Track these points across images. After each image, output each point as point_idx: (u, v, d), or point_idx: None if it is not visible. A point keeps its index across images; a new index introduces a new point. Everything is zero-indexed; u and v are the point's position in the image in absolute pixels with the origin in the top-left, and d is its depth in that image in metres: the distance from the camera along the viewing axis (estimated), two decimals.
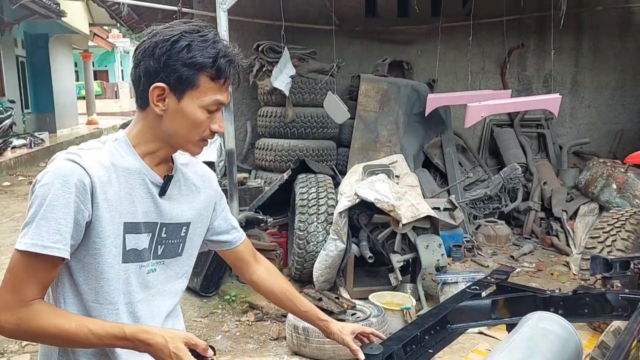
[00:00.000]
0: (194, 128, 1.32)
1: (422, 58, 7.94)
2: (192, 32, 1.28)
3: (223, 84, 1.31)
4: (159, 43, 1.27)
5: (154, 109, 1.30)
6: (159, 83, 1.27)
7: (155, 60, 1.26)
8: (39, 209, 1.20)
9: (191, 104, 1.29)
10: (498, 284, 1.90)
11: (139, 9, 10.03)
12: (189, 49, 1.26)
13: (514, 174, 6.18)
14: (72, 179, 1.21)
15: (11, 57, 14.75)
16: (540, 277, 5.15)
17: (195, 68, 1.26)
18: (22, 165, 11.74)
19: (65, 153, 1.27)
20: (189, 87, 1.28)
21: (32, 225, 1.20)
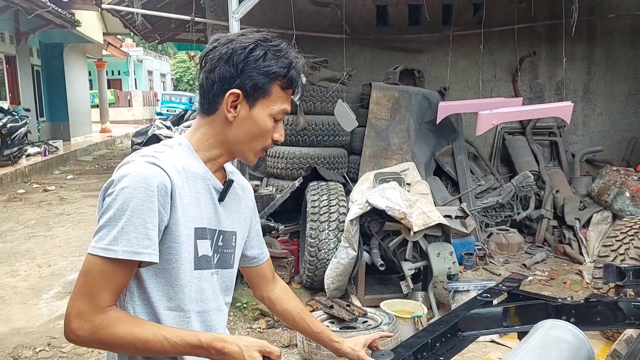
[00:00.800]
0: (260, 136, 1.34)
1: (433, 66, 7.95)
2: (266, 41, 1.30)
3: (292, 94, 1.35)
4: (237, 50, 1.28)
5: (225, 114, 1.30)
6: (235, 89, 1.28)
7: (232, 66, 1.28)
8: (121, 213, 1.17)
9: (262, 111, 1.31)
10: (509, 291, 1.90)
11: (152, 18, 10.15)
12: (265, 58, 1.28)
13: (526, 182, 6.15)
14: (155, 182, 1.19)
15: (27, 66, 14.96)
16: (553, 285, 5.11)
17: (271, 77, 1.29)
18: (37, 173, 11.87)
19: (142, 156, 1.25)
20: (262, 95, 1.30)
21: (114, 229, 1.17)
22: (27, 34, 14.32)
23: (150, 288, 1.26)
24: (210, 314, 1.37)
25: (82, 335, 1.17)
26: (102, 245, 1.17)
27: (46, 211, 8.48)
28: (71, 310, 1.18)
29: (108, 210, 1.19)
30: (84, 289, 1.18)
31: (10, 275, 5.58)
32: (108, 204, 1.19)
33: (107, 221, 1.18)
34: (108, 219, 1.18)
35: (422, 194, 5.03)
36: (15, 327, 4.36)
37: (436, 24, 7.74)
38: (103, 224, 1.18)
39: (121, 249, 1.16)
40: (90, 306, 1.17)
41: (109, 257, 1.16)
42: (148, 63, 36.56)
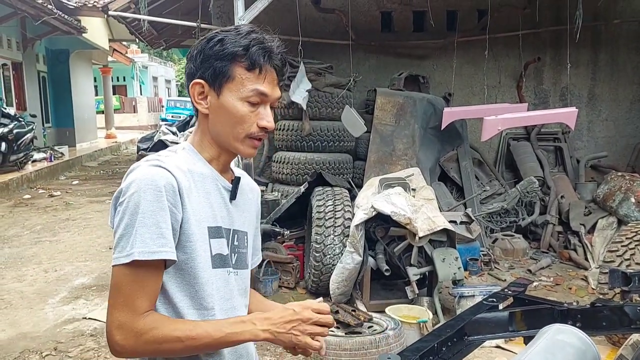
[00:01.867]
0: (238, 123, 1.28)
1: (438, 72, 7.97)
2: (229, 30, 1.29)
3: (260, 74, 1.27)
4: (197, 45, 1.30)
5: (198, 108, 1.31)
6: (197, 79, 1.28)
7: (193, 61, 1.29)
8: (133, 217, 1.17)
9: (230, 97, 1.27)
10: (515, 296, 1.90)
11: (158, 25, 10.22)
12: (222, 43, 1.26)
13: (531, 187, 6.15)
14: (162, 182, 1.19)
15: (33, 72, 15.06)
16: (559, 291, 5.10)
17: (227, 59, 1.25)
18: (42, 179, 11.92)
19: (145, 161, 1.25)
20: (224, 79, 1.26)
21: (131, 235, 1.16)
22: (34, 40, 14.43)
23: (172, 289, 1.25)
24: (235, 312, 1.35)
25: (127, 345, 1.17)
26: (120, 253, 1.17)
27: (52, 216, 8.52)
28: (111, 324, 1.18)
29: (122, 220, 1.18)
30: (118, 300, 1.18)
31: (16, 280, 5.60)
32: (120, 214, 1.19)
33: (123, 230, 1.17)
34: (124, 227, 1.17)
35: (427, 200, 5.04)
36: (22, 331, 4.38)
37: (441, 30, 7.76)
38: (121, 234, 1.18)
39: (137, 251, 1.15)
40: (129, 315, 1.17)
41: (129, 262, 1.15)
42: (153, 69, 36.73)
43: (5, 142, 10.71)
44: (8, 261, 6.21)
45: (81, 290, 5.29)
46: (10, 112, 11.49)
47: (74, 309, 4.83)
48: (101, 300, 4.97)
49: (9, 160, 11.03)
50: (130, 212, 1.17)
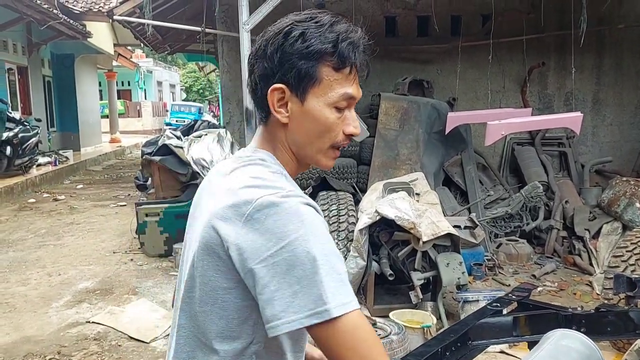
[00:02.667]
0: (325, 132, 1.10)
1: (442, 77, 7.97)
2: (306, 20, 1.09)
3: (349, 74, 1.09)
4: (270, 38, 1.09)
5: (277, 117, 1.10)
6: (277, 84, 1.08)
7: (268, 60, 1.08)
8: (317, 266, 0.93)
9: (317, 102, 1.08)
10: (519, 301, 1.90)
11: (163, 29, 10.25)
12: (304, 38, 1.06)
13: (535, 192, 6.14)
14: (325, 227, 1.02)
15: (38, 76, 15.13)
16: (563, 296, 5.08)
17: (314, 58, 1.06)
18: (47, 183, 11.96)
19: (296, 197, 1.00)
20: (310, 82, 1.07)
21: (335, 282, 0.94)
22: (39, 45, 14.50)
23: (285, 338, 1.08)
24: None
25: None
26: (342, 300, 0.94)
27: (56, 220, 8.54)
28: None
29: (290, 271, 0.93)
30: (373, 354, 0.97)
31: (20, 283, 5.62)
32: (287, 265, 0.94)
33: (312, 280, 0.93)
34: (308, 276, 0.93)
35: (431, 204, 5.03)
36: (26, 335, 4.39)
37: (445, 35, 7.76)
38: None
39: (354, 299, 0.96)
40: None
41: (354, 309, 0.95)
42: (158, 74, 36.86)
43: (10, 146, 10.75)
44: (12, 265, 6.23)
45: (85, 294, 5.30)
46: (16, 117, 11.54)
47: (77, 312, 4.83)
48: (104, 304, 4.98)
49: (14, 164, 11.07)
50: (315, 260, 0.94)
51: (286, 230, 0.95)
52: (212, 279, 1.03)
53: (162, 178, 7.12)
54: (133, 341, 4.23)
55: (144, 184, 9.03)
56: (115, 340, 4.25)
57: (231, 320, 1.04)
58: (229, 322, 1.05)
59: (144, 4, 7.45)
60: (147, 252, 6.41)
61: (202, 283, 1.05)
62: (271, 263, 0.94)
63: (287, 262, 0.93)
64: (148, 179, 8.41)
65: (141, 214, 6.38)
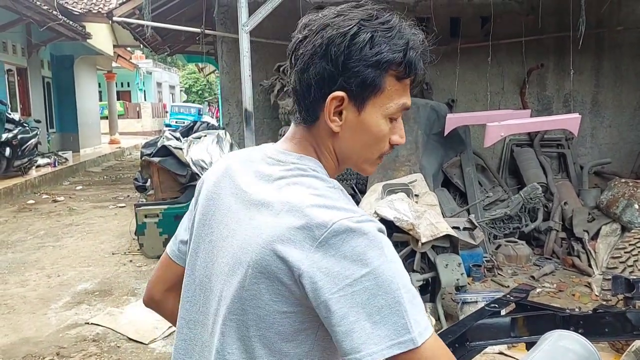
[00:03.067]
0: (377, 143, 1.05)
1: (441, 78, 7.98)
2: (371, 19, 1.00)
3: (411, 84, 1.04)
4: (335, 38, 0.98)
5: (329, 125, 1.02)
6: (338, 92, 0.99)
7: (331, 62, 0.98)
8: (399, 295, 0.89)
9: (374, 113, 1.01)
10: (517, 302, 1.91)
11: (162, 30, 10.25)
12: (372, 44, 0.98)
13: (534, 193, 6.14)
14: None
15: (38, 78, 15.14)
16: (562, 297, 5.09)
17: (382, 67, 0.98)
18: (46, 184, 11.96)
19: (369, 222, 0.94)
20: (373, 92, 1.00)
21: (416, 309, 0.91)
22: (39, 46, 14.52)
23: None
24: None
25: None
26: (423, 326, 0.91)
27: (55, 222, 8.54)
28: None
29: (375, 297, 0.89)
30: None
31: (19, 285, 5.61)
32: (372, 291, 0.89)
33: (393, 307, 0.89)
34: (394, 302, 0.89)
35: (430, 205, 5.04)
36: (25, 336, 4.39)
37: (444, 37, 7.77)
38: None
39: (429, 326, 0.93)
40: None
41: (432, 333, 0.92)
42: (157, 75, 36.88)
43: (9, 147, 10.75)
44: (11, 266, 6.23)
45: (84, 295, 5.30)
46: (15, 118, 11.54)
47: (76, 314, 4.83)
48: (103, 306, 4.98)
49: (13, 165, 11.07)
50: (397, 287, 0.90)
51: (366, 258, 0.89)
52: (269, 303, 0.96)
53: (162, 179, 7.12)
54: (132, 342, 4.23)
55: (143, 185, 9.02)
56: (114, 342, 4.25)
57: (277, 349, 0.99)
58: (274, 350, 0.99)
59: (144, 5, 7.46)
60: (146, 253, 6.41)
61: (252, 307, 0.98)
62: (350, 292, 0.88)
63: (369, 291, 0.88)
64: (147, 180, 8.41)
65: (140, 215, 6.38)
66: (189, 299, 1.14)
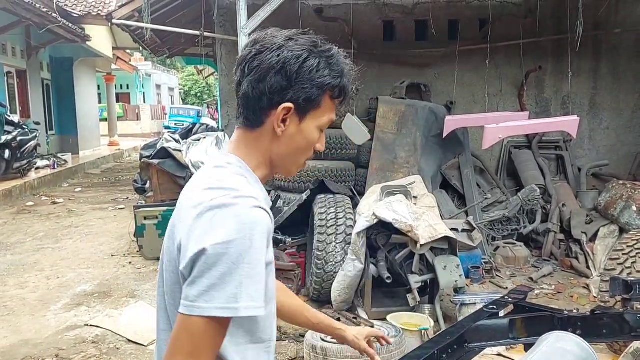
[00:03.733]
0: (307, 149, 1.26)
1: (439, 80, 8.00)
2: (317, 47, 1.21)
3: (340, 103, 1.26)
4: (290, 60, 1.17)
5: (274, 129, 1.20)
6: (288, 103, 1.18)
7: (285, 78, 1.17)
8: (235, 267, 1.03)
9: (311, 124, 1.22)
10: (516, 303, 1.92)
11: (161, 33, 10.27)
12: (318, 68, 1.19)
13: (533, 195, 6.15)
14: (265, 229, 1.09)
15: (37, 80, 15.13)
16: (560, 299, 5.10)
17: (324, 88, 1.20)
18: (46, 186, 11.95)
19: (236, 197, 1.09)
20: (313, 107, 1.21)
21: (228, 286, 1.03)
22: (38, 48, 14.51)
23: (234, 329, 1.14)
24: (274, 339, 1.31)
25: None
26: (217, 304, 1.03)
27: (55, 223, 8.54)
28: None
29: (217, 265, 1.03)
30: (187, 349, 1.06)
31: (19, 287, 5.62)
32: (216, 258, 1.03)
33: (219, 278, 1.03)
34: (221, 275, 1.03)
35: (428, 207, 5.05)
36: (24, 338, 4.39)
37: (442, 39, 7.79)
38: (213, 283, 1.03)
39: (244, 306, 1.04)
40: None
41: (227, 316, 1.05)
42: (156, 77, 36.87)
43: (8, 149, 10.75)
44: (10, 268, 6.23)
45: (83, 297, 5.30)
46: (14, 120, 11.53)
47: (76, 315, 4.83)
48: (103, 307, 4.98)
49: (13, 167, 11.06)
50: (232, 259, 1.04)
51: (226, 230, 1.04)
52: (169, 277, 1.18)
53: (161, 181, 7.12)
54: (131, 344, 4.23)
55: (143, 187, 9.02)
56: (113, 344, 4.25)
57: None
58: None
59: (143, 8, 7.47)
60: (145, 255, 6.42)
61: (165, 284, 1.20)
62: (204, 255, 1.04)
63: (218, 257, 1.03)
64: (147, 182, 8.41)
65: (140, 217, 6.38)
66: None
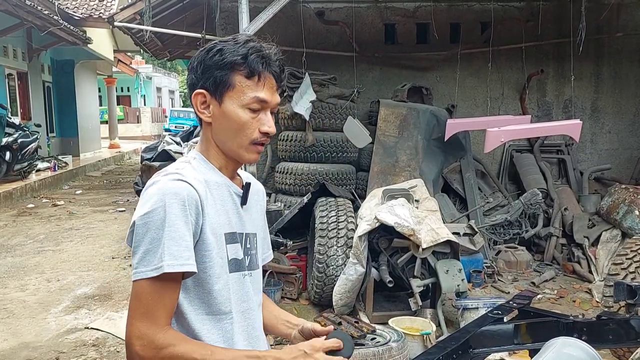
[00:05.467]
0: (240, 130, 1.32)
1: (441, 84, 7.99)
2: (227, 40, 1.33)
3: (259, 81, 1.31)
4: (198, 56, 1.34)
5: (201, 117, 1.35)
6: (199, 90, 1.32)
7: (194, 72, 1.33)
8: (160, 231, 1.19)
9: (231, 104, 1.31)
10: (520, 308, 1.90)
11: (163, 36, 10.27)
12: (221, 53, 1.30)
13: (535, 199, 6.14)
14: (184, 196, 1.22)
15: (38, 82, 15.14)
16: (563, 304, 5.08)
17: (227, 68, 1.29)
18: (46, 188, 11.95)
19: (165, 175, 1.27)
20: (225, 88, 1.30)
21: (158, 248, 1.19)
22: (39, 50, 14.52)
23: (190, 297, 1.27)
24: (251, 312, 1.40)
25: (146, 356, 1.18)
26: (150, 267, 1.18)
27: (55, 226, 8.53)
28: (132, 333, 1.19)
29: (146, 234, 1.20)
30: (140, 311, 1.19)
31: (19, 289, 5.60)
32: (143, 228, 1.21)
33: (149, 244, 1.19)
34: (150, 241, 1.20)
35: (430, 211, 5.03)
36: (24, 341, 4.37)
37: (444, 42, 7.79)
38: (147, 249, 1.19)
39: (167, 264, 1.17)
40: (150, 326, 1.18)
41: (157, 275, 1.17)
42: (157, 80, 36.91)
43: (9, 151, 10.74)
44: (11, 270, 6.21)
45: (83, 299, 5.28)
46: (15, 122, 11.52)
47: (76, 318, 4.82)
48: (103, 310, 4.97)
49: (13, 169, 11.06)
50: (156, 226, 1.19)
51: (152, 202, 1.21)
52: None
53: None
54: None
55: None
56: (113, 347, 4.23)
57: None
58: None
59: (145, 11, 7.47)
60: None
61: None
62: (138, 224, 1.21)
63: (147, 226, 1.20)
64: None
65: None
66: None
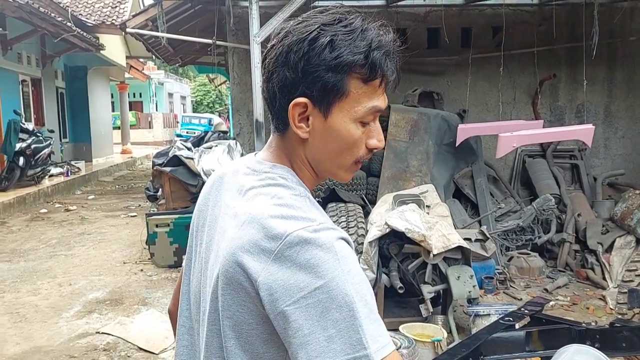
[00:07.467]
0: (348, 149, 1.01)
1: (452, 88, 7.97)
2: (333, 23, 0.97)
3: (379, 85, 1.00)
4: (294, 45, 0.97)
5: (296, 132, 1.01)
6: (300, 98, 0.98)
7: (290, 68, 0.97)
8: (355, 309, 0.87)
9: (342, 118, 0.99)
10: (532, 315, 1.88)
11: (174, 42, 10.35)
12: (332, 47, 0.95)
13: (547, 205, 6.08)
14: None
15: (51, 88, 15.30)
16: (576, 311, 5.02)
17: (344, 70, 0.96)
18: (59, 193, 12.05)
19: (328, 230, 0.93)
20: (337, 96, 0.97)
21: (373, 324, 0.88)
22: (53, 57, 14.69)
23: None
24: None
25: None
26: (381, 343, 0.87)
27: (67, 230, 8.59)
28: None
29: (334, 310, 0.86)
30: None
31: (31, 293, 5.64)
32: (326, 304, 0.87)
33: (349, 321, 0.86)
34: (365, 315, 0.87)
35: (441, 217, 5.00)
36: (36, 345, 4.40)
37: (455, 47, 7.77)
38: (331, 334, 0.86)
39: (389, 341, 0.90)
40: None
41: (392, 350, 0.89)
42: (169, 86, 37.19)
43: (23, 156, 10.86)
44: (23, 275, 6.26)
45: (95, 304, 5.31)
46: (29, 127, 11.64)
47: (87, 323, 4.84)
48: (114, 315, 4.98)
49: (27, 174, 11.16)
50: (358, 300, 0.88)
51: (320, 270, 0.87)
52: (237, 313, 0.96)
53: (173, 189, 7.15)
54: (142, 352, 4.22)
55: (155, 195, 9.07)
56: (124, 351, 4.24)
57: (257, 355, 0.97)
58: (255, 357, 0.97)
59: (157, 17, 7.53)
60: (157, 262, 6.42)
61: (225, 317, 0.97)
62: (304, 305, 0.87)
63: (322, 304, 0.86)
64: (159, 189, 8.45)
65: (151, 224, 6.40)
66: (187, 308, 1.16)
